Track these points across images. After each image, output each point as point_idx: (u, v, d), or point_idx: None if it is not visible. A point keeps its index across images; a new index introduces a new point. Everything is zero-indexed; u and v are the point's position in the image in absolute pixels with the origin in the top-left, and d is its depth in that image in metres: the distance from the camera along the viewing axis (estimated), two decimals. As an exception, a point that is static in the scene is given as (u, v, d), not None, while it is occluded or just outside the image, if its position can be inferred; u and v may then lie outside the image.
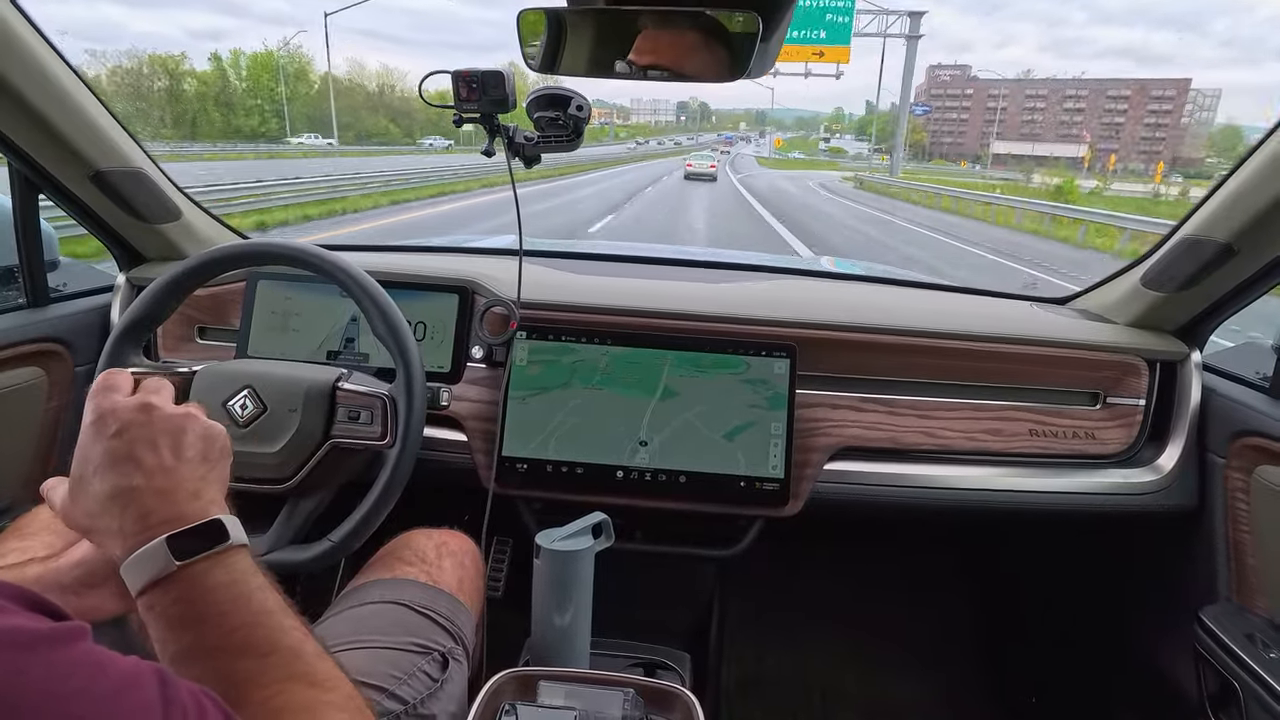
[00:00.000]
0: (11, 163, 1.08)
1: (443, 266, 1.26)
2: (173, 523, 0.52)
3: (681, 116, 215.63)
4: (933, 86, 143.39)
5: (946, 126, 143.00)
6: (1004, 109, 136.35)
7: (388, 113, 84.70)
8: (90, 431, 0.54)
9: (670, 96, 64.32)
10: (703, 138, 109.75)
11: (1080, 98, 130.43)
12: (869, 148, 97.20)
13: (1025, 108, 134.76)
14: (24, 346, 1.13)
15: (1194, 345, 1.17)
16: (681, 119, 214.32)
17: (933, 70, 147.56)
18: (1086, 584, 1.49)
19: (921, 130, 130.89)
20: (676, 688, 0.78)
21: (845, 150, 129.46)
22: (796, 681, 1.62)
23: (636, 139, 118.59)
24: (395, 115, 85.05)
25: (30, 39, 0.93)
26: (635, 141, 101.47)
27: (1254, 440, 1.05)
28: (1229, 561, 1.09)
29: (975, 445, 1.18)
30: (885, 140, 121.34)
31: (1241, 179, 0.95)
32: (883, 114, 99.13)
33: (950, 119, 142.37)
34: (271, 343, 1.20)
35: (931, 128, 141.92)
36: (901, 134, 42.65)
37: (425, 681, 0.81)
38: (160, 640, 0.50)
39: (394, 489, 0.90)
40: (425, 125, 79.73)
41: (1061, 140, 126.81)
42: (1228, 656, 0.95)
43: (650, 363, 1.14)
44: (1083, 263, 10.99)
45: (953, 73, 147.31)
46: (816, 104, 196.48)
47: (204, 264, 0.95)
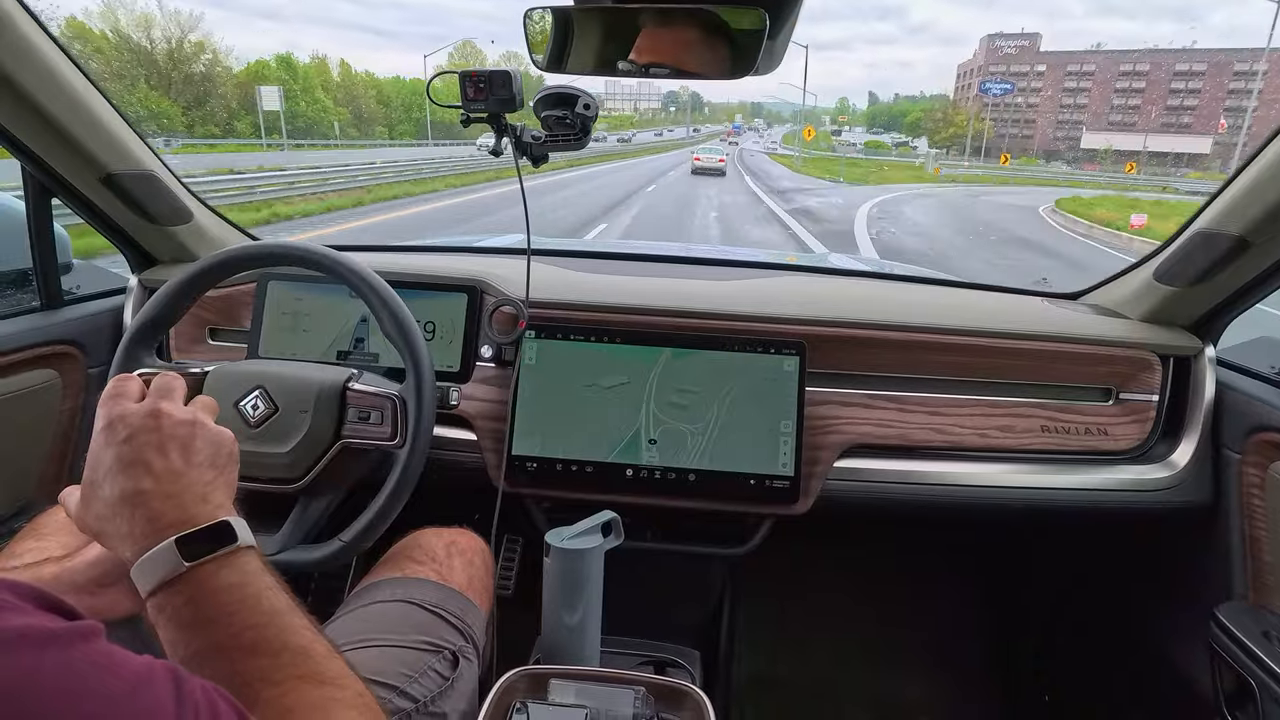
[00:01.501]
0: (25, 167, 1.09)
1: (451, 266, 1.27)
2: (182, 525, 0.52)
3: (671, 107, 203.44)
4: (991, 62, 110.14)
5: (1011, 113, 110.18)
6: (1087, 90, 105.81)
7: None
8: (101, 438, 0.56)
9: (657, 84, 43.28)
10: (679, 132, 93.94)
11: (1195, 74, 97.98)
12: (926, 145, 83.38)
13: (1118, 88, 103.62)
14: (38, 349, 1.14)
15: (1208, 340, 1.16)
16: (671, 109, 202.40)
17: (990, 41, 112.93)
18: (1099, 581, 1.48)
19: (981, 119, 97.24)
20: (687, 686, 0.78)
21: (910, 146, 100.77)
22: (807, 680, 1.62)
23: (619, 134, 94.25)
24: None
25: (41, 43, 0.93)
26: (617, 138, 79.76)
27: (1270, 435, 1.04)
28: (1244, 559, 1.08)
29: (987, 442, 1.17)
30: (937, 134, 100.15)
31: (1256, 172, 0.94)
32: (924, 100, 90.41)
33: (1015, 103, 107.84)
34: (282, 343, 1.21)
35: (994, 114, 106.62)
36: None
37: (436, 680, 0.81)
38: (170, 641, 0.50)
39: (404, 489, 0.91)
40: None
41: (1166, 130, 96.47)
42: (1244, 654, 0.94)
43: (659, 361, 1.14)
44: None
45: (1018, 43, 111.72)
46: (814, 97, 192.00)
47: (215, 266, 0.95)
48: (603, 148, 49.59)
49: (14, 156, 1.06)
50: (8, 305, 1.20)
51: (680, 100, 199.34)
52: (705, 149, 36.20)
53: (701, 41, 0.82)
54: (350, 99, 66.78)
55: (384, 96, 72.70)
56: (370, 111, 69.24)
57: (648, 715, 0.74)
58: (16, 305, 1.20)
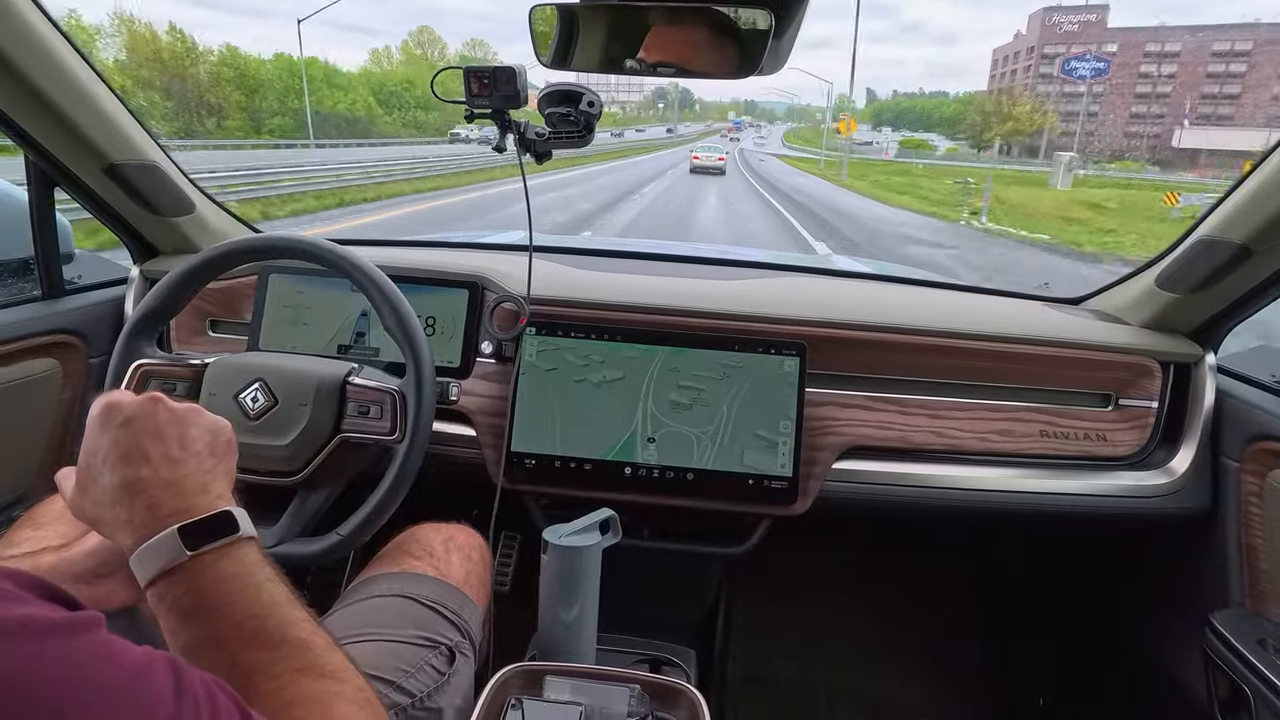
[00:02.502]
0: (28, 156, 1.09)
1: (453, 262, 1.27)
2: (183, 514, 0.52)
3: (659, 103, 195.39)
4: (1047, 40, 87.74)
5: (1074, 105, 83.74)
6: (1170, 75, 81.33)
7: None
8: (97, 423, 0.55)
9: (643, 79, 34.59)
10: (682, 129, 79.95)
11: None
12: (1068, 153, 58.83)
13: (1210, 73, 79.54)
14: (39, 338, 1.14)
15: (1208, 347, 1.16)
16: (659, 106, 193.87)
17: (1047, 16, 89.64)
18: (1096, 587, 1.48)
19: (1043, 110, 77.25)
20: (682, 684, 0.78)
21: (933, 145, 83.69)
22: (802, 680, 1.62)
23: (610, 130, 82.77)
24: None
25: (47, 33, 0.93)
26: (610, 133, 71.14)
27: (1269, 444, 1.04)
28: (1241, 566, 1.08)
29: (985, 446, 1.17)
30: (989, 131, 73.00)
31: (1259, 180, 0.94)
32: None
33: (1079, 92, 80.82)
34: (283, 336, 1.21)
35: (1056, 106, 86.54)
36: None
37: (432, 675, 0.81)
38: (170, 631, 0.50)
39: (403, 483, 0.91)
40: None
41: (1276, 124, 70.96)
42: (1239, 662, 0.94)
43: (659, 360, 1.14)
44: None
45: (1082, 18, 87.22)
46: (808, 94, 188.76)
47: (217, 257, 0.95)
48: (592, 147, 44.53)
49: (17, 145, 1.06)
50: (9, 294, 1.20)
51: (669, 97, 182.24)
52: (704, 147, 35.89)
53: (709, 41, 0.82)
54: (171, 76, 43.10)
55: (248, 81, 47.46)
56: (222, 99, 45.40)
57: (642, 713, 0.74)
58: (18, 294, 1.20)
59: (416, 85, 59.73)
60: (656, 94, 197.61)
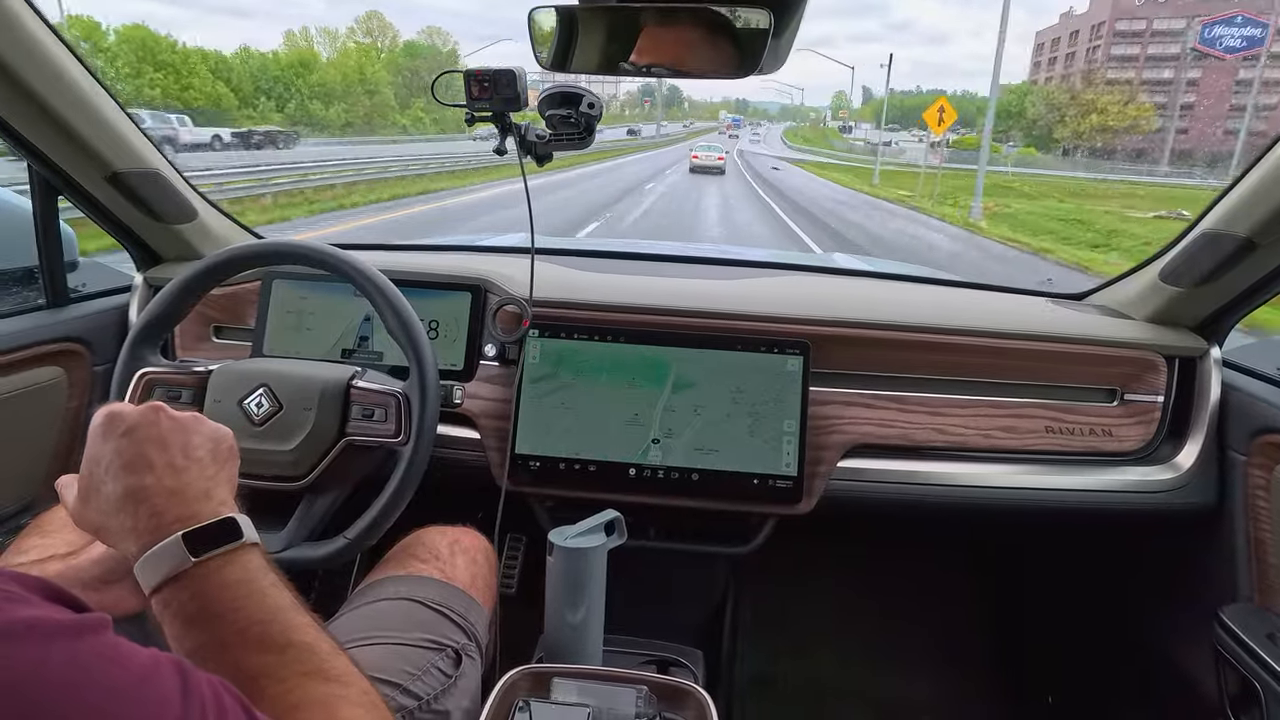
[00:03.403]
0: (32, 165, 1.10)
1: (455, 265, 1.27)
2: (186, 521, 0.53)
3: (645, 100, 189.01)
4: (1118, 16, 69.36)
5: (1157, 95, 65.72)
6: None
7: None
8: (99, 432, 0.55)
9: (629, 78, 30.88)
10: (649, 130, 72.82)
11: None
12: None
13: None
14: (44, 346, 1.14)
15: (1213, 341, 1.16)
16: (645, 103, 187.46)
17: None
18: (1103, 583, 1.47)
19: (1137, 103, 59.02)
20: (690, 685, 0.77)
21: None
22: (810, 679, 1.61)
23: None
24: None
25: (48, 42, 0.94)
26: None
27: (1275, 437, 1.03)
28: (1249, 561, 1.07)
29: (990, 443, 1.17)
30: (1063, 126, 56.02)
31: (1262, 172, 0.94)
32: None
33: (1160, 79, 66.56)
34: (287, 341, 1.21)
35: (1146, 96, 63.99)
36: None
37: (439, 678, 0.81)
38: (175, 637, 0.51)
39: (408, 486, 0.91)
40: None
41: None
42: (1248, 657, 0.93)
43: (663, 360, 1.14)
44: None
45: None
46: (802, 94, 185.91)
47: (220, 264, 0.96)
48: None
49: (20, 155, 1.06)
50: (14, 303, 1.20)
51: (655, 95, 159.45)
52: (703, 146, 35.51)
53: (705, 41, 0.82)
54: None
55: (224, 76, 40.51)
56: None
57: (650, 714, 0.73)
58: (23, 303, 1.20)
59: (313, 71, 46.54)
60: (644, 90, 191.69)
